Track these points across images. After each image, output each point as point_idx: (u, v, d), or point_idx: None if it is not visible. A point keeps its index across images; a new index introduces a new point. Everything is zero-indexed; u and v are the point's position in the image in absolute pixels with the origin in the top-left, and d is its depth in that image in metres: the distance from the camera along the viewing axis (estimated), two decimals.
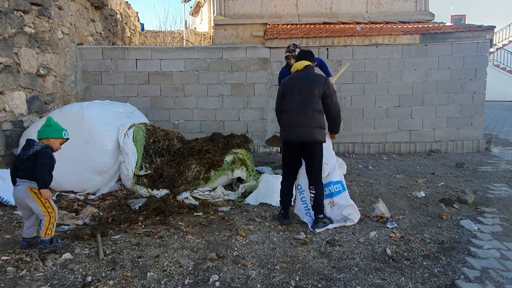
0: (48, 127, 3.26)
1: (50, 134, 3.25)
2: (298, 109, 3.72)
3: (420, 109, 7.56)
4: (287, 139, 3.80)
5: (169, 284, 2.74)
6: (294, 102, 3.75)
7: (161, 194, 4.69)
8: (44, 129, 3.25)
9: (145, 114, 6.84)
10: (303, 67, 3.86)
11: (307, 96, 3.72)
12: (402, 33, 7.47)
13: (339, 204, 3.92)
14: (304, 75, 3.84)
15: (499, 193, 4.87)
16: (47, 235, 3.11)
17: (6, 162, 5.13)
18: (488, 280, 2.79)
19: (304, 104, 3.71)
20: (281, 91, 3.92)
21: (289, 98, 3.79)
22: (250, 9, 9.86)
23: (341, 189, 3.98)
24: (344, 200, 3.94)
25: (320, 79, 3.80)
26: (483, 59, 7.51)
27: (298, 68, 3.89)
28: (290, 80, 3.90)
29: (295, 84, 3.81)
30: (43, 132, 3.24)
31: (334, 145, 7.39)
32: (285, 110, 3.82)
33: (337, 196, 3.95)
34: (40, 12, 5.86)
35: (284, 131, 3.84)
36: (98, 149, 4.91)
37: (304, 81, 3.78)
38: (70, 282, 2.74)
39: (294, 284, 2.75)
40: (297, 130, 3.70)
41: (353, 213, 3.90)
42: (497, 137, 9.42)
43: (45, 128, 3.26)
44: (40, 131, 3.25)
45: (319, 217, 3.76)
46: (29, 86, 5.60)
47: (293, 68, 3.96)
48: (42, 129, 3.25)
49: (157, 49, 7.58)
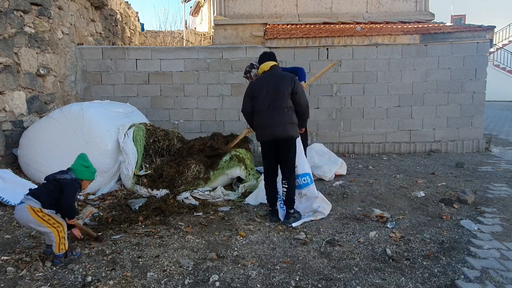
0: (86, 169, 3.19)
1: (86, 176, 3.20)
2: (269, 108, 3.86)
3: (420, 109, 7.56)
4: (263, 139, 3.98)
5: (169, 284, 2.74)
6: (265, 102, 3.88)
7: (161, 194, 4.69)
8: (82, 170, 3.17)
9: (145, 114, 6.85)
10: (269, 67, 4.00)
11: (276, 95, 3.86)
12: (402, 33, 7.47)
13: (307, 195, 4.12)
14: (271, 75, 3.97)
15: (499, 193, 4.87)
16: (60, 250, 2.97)
17: (6, 162, 5.13)
18: (488, 280, 2.79)
19: (274, 103, 3.85)
20: (249, 93, 4.03)
21: (260, 99, 3.93)
22: (250, 9, 9.86)
23: (309, 182, 4.17)
24: (311, 193, 4.14)
25: (287, 77, 3.93)
26: (483, 59, 7.51)
27: (265, 69, 4.03)
28: (258, 81, 4.02)
29: (263, 85, 3.93)
30: (80, 172, 3.16)
31: (334, 146, 7.50)
32: (257, 112, 3.96)
33: (304, 188, 4.14)
34: (40, 12, 5.86)
35: (259, 132, 4.00)
36: (98, 149, 4.91)
37: (272, 81, 3.91)
38: (70, 282, 2.74)
39: (294, 284, 2.75)
40: (270, 129, 3.87)
41: (322, 205, 4.09)
42: (497, 137, 9.42)
43: (82, 169, 3.18)
44: (78, 171, 3.15)
45: (290, 212, 3.94)
46: (29, 86, 5.60)
47: (259, 69, 4.10)
48: (80, 169, 3.16)
49: (157, 49, 7.58)
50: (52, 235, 2.94)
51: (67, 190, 3.02)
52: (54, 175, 3.09)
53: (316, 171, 5.53)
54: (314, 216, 3.99)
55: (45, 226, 2.93)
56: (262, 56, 4.18)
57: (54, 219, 2.98)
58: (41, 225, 2.92)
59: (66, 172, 3.11)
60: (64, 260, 3.00)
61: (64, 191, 3.01)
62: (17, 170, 5.07)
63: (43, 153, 4.95)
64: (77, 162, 3.21)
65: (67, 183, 3.05)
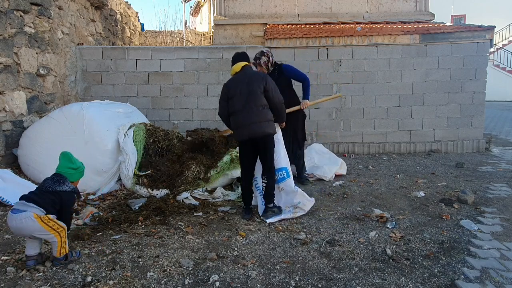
0: (75, 171, 3.15)
1: (76, 178, 3.19)
2: (244, 108, 3.94)
3: (420, 109, 7.56)
4: (241, 138, 4.03)
5: (169, 284, 2.74)
6: (239, 102, 3.96)
7: (161, 194, 4.69)
8: (71, 173, 3.12)
9: (145, 114, 6.85)
10: (241, 68, 4.08)
11: (249, 94, 3.93)
12: (402, 33, 7.47)
13: (285, 190, 4.17)
14: (243, 75, 4.05)
15: (499, 193, 4.87)
16: (61, 254, 2.93)
17: (6, 162, 5.13)
18: (488, 280, 2.79)
19: (248, 103, 3.92)
20: (224, 95, 4.10)
21: (234, 100, 3.99)
22: (250, 9, 9.86)
23: (285, 176, 4.21)
24: (288, 187, 4.19)
25: (258, 75, 4.06)
26: (483, 59, 7.51)
27: (236, 70, 4.12)
28: (231, 83, 4.10)
29: (236, 86, 4.01)
30: (70, 176, 3.12)
31: (334, 146, 7.50)
32: (233, 113, 4.02)
33: (281, 182, 4.20)
34: (40, 12, 5.86)
35: (237, 132, 4.06)
36: (98, 149, 4.91)
37: (244, 81, 4.00)
38: (70, 282, 2.74)
39: (294, 284, 2.75)
40: (247, 129, 3.93)
41: (303, 200, 4.12)
42: (497, 137, 9.41)
43: (71, 171, 3.13)
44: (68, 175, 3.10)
45: (269, 206, 4.00)
46: (29, 86, 5.60)
47: (231, 71, 4.18)
48: (69, 172, 3.11)
49: (157, 49, 7.58)
50: (55, 239, 2.89)
51: (67, 204, 3.06)
52: (52, 186, 3.02)
53: (316, 171, 5.53)
54: (293, 213, 4.02)
55: (50, 233, 2.87)
56: (234, 57, 4.25)
57: (58, 224, 2.92)
58: (48, 233, 2.87)
59: (62, 183, 3.04)
60: (65, 262, 2.98)
61: (65, 206, 3.03)
62: (17, 170, 5.07)
63: (43, 153, 4.95)
64: (63, 165, 3.12)
65: (68, 197, 3.05)
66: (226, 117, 4.13)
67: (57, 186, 3.02)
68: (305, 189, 4.95)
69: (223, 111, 4.13)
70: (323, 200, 4.62)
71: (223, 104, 4.11)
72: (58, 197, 3.00)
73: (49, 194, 2.99)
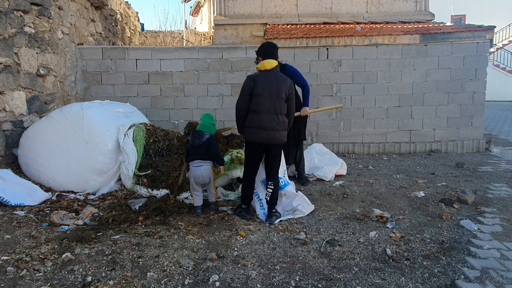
0: (213, 126, 4.39)
1: (214, 131, 4.38)
2: (269, 112, 3.83)
3: (420, 109, 7.56)
4: (255, 140, 3.89)
5: (169, 284, 2.74)
6: (265, 104, 3.83)
7: (161, 194, 4.69)
8: (210, 127, 4.31)
9: (145, 114, 6.85)
10: (272, 68, 3.94)
11: (277, 99, 3.85)
12: (402, 33, 7.47)
13: (287, 195, 4.26)
14: (274, 77, 3.92)
15: (499, 193, 4.87)
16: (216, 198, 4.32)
17: (6, 162, 5.13)
18: (488, 280, 2.79)
19: (274, 108, 3.84)
20: (249, 89, 3.86)
21: (261, 100, 3.83)
22: (250, 9, 9.86)
23: (286, 183, 4.36)
24: (289, 192, 4.28)
25: (286, 81, 3.95)
26: (483, 59, 7.51)
27: (267, 68, 3.93)
28: (259, 79, 3.88)
29: (264, 85, 3.84)
30: (208, 129, 4.29)
31: (334, 146, 7.50)
32: (255, 111, 3.85)
33: (284, 189, 4.28)
34: (40, 12, 5.86)
35: (252, 132, 3.88)
36: (98, 149, 4.91)
37: (273, 83, 3.87)
38: (70, 282, 2.74)
39: (294, 284, 2.75)
40: (266, 133, 3.85)
41: (302, 203, 4.16)
42: (497, 137, 9.42)
43: (211, 126, 4.34)
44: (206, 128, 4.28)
45: (273, 211, 4.01)
46: (29, 86, 5.60)
47: (261, 65, 3.97)
48: (210, 126, 4.32)
49: (157, 49, 7.58)
50: (212, 184, 4.21)
51: (214, 144, 4.23)
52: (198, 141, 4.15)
53: (317, 172, 5.53)
54: (293, 215, 4.05)
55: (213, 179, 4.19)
56: (266, 48, 4.12)
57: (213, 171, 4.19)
58: (212, 177, 4.20)
59: (202, 135, 4.18)
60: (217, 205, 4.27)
61: (212, 146, 4.17)
62: (17, 170, 5.06)
63: (43, 153, 4.95)
64: (205, 121, 4.34)
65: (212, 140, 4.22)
66: (245, 112, 3.90)
67: (202, 139, 4.17)
68: (305, 189, 4.96)
69: (244, 105, 3.89)
70: (323, 200, 4.62)
71: (246, 98, 3.87)
72: (206, 144, 4.14)
73: (201, 148, 4.13)
